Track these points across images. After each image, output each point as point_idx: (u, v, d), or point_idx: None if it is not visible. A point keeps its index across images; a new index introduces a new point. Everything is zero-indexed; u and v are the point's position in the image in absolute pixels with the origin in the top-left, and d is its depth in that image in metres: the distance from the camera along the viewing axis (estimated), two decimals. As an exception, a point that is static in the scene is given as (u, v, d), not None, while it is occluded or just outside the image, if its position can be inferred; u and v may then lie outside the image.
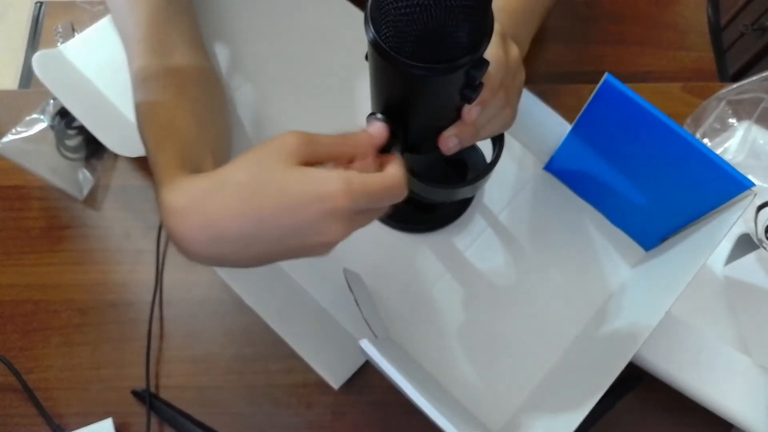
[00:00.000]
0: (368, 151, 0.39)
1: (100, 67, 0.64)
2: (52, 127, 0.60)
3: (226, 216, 0.36)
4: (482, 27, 0.36)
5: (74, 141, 0.61)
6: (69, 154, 0.60)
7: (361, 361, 0.55)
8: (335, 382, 0.52)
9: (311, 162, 0.37)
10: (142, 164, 0.63)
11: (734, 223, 0.46)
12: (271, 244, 0.37)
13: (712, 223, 0.48)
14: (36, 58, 0.60)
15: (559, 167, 0.60)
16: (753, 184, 0.44)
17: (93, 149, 0.59)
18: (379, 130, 0.40)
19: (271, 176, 0.35)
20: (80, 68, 0.64)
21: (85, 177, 0.61)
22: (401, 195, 0.38)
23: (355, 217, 0.37)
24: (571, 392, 0.49)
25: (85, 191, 0.61)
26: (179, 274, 0.59)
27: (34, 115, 0.61)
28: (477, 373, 0.55)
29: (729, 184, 0.45)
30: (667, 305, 0.45)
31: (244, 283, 0.54)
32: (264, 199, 0.35)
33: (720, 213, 0.48)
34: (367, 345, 0.42)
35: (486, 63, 0.38)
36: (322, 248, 0.37)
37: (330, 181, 0.35)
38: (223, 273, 0.52)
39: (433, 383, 0.53)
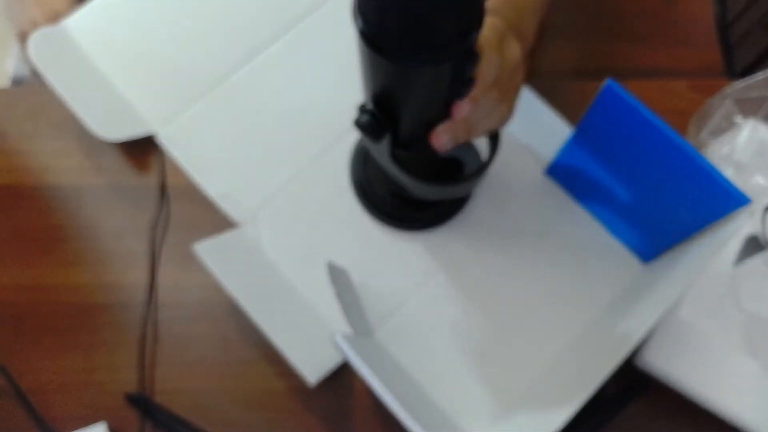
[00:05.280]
0: None
1: (102, 43, 0.65)
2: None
3: None
4: (470, 19, 0.35)
5: None
6: None
7: (340, 359, 0.54)
8: (313, 377, 0.51)
9: None
10: (136, 163, 0.62)
11: (725, 242, 0.45)
12: None
13: (708, 238, 0.48)
14: (32, 38, 0.60)
15: (559, 172, 0.60)
16: (750, 200, 0.43)
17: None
18: None
19: None
20: (83, 45, 0.64)
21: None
22: None
23: None
24: (551, 401, 0.48)
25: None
26: (174, 276, 0.58)
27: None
28: (462, 378, 0.54)
29: (726, 199, 0.44)
30: (654, 318, 0.45)
31: (227, 271, 0.52)
32: None
33: (716, 229, 0.47)
34: (340, 340, 0.42)
35: (476, 57, 0.37)
36: None
37: None
38: (205, 258, 0.51)
39: (410, 385, 0.52)
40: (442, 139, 0.43)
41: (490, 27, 0.41)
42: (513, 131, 0.61)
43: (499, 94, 0.43)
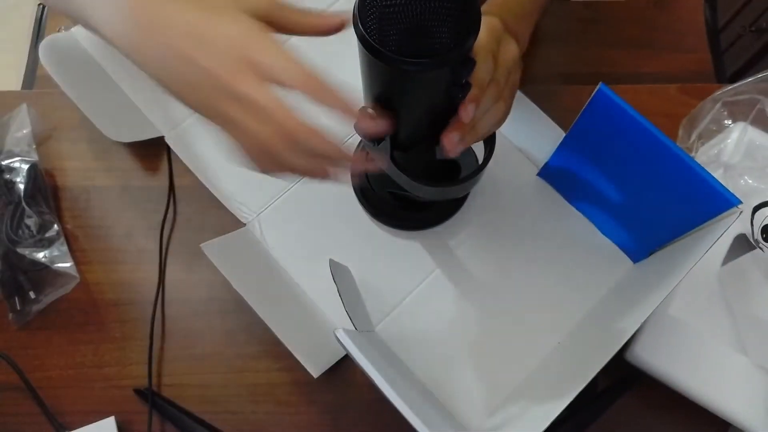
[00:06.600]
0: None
1: (110, 49, 0.65)
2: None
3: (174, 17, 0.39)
4: (466, 25, 0.37)
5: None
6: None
7: (342, 353, 0.55)
8: (315, 370, 0.53)
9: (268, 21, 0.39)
10: (145, 164, 0.64)
11: (715, 242, 0.46)
12: (191, 66, 0.38)
13: (697, 238, 0.49)
14: (44, 44, 0.62)
15: (552, 174, 0.61)
16: (740, 202, 0.44)
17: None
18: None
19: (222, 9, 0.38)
20: (91, 51, 0.65)
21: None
22: (317, 91, 0.39)
23: (273, 74, 0.38)
24: (544, 395, 0.49)
25: None
26: (181, 274, 0.60)
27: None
28: (459, 371, 0.55)
29: (716, 201, 0.45)
30: (645, 315, 0.46)
31: (233, 268, 0.54)
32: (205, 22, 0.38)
33: (706, 229, 0.48)
34: (342, 335, 0.43)
35: (472, 62, 0.38)
36: (234, 101, 0.39)
37: (256, 30, 0.37)
38: (212, 256, 0.52)
39: (411, 379, 0.54)
40: (454, 138, 0.42)
41: (487, 26, 0.42)
42: (507, 134, 0.63)
43: (497, 92, 0.43)
